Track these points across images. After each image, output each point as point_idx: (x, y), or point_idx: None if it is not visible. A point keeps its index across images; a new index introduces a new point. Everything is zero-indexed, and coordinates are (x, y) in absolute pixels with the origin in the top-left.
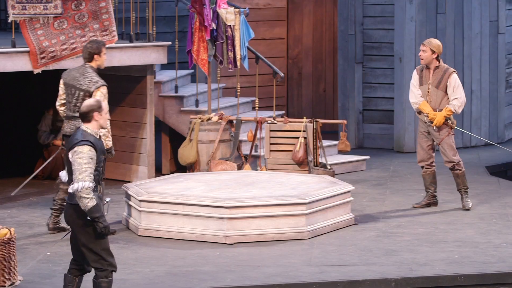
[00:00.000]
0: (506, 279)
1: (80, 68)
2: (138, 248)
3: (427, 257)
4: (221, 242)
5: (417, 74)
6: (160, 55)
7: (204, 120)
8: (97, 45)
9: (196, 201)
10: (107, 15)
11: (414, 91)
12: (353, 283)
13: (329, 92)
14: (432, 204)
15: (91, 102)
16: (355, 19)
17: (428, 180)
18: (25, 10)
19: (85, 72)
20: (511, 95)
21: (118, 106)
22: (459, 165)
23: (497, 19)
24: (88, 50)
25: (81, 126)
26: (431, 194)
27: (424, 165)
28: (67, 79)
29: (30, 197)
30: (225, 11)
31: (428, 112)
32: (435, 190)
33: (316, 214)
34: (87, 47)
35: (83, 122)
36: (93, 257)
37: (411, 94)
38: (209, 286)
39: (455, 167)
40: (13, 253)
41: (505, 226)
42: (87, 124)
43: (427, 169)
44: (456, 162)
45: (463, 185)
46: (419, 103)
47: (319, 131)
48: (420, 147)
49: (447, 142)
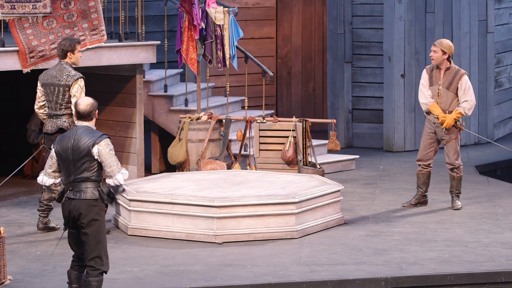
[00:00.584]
0: (496, 278)
1: (57, 66)
2: (128, 248)
3: (416, 256)
4: (211, 242)
5: (427, 74)
6: (149, 54)
7: (193, 120)
8: (70, 43)
9: (186, 200)
10: (96, 14)
11: (424, 92)
12: (343, 282)
13: (319, 91)
14: (422, 204)
15: (91, 100)
16: (344, 18)
17: (421, 179)
18: (14, 9)
19: (62, 68)
20: (500, 94)
21: (108, 106)
22: (459, 169)
23: (486, 18)
24: (61, 48)
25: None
26: (421, 193)
27: (422, 164)
28: (44, 80)
29: (20, 197)
30: (214, 10)
31: (438, 114)
32: (426, 190)
33: (306, 213)
34: (60, 45)
35: (86, 120)
36: (91, 254)
37: (421, 94)
38: (199, 285)
39: (454, 170)
40: (3, 253)
41: (494, 225)
42: (89, 122)
43: (423, 168)
44: (457, 166)
45: (456, 188)
46: (429, 104)
47: (308, 131)
48: (423, 147)
49: (453, 145)
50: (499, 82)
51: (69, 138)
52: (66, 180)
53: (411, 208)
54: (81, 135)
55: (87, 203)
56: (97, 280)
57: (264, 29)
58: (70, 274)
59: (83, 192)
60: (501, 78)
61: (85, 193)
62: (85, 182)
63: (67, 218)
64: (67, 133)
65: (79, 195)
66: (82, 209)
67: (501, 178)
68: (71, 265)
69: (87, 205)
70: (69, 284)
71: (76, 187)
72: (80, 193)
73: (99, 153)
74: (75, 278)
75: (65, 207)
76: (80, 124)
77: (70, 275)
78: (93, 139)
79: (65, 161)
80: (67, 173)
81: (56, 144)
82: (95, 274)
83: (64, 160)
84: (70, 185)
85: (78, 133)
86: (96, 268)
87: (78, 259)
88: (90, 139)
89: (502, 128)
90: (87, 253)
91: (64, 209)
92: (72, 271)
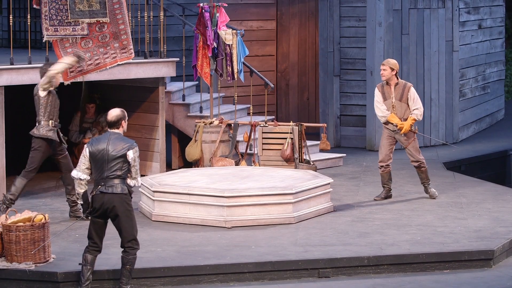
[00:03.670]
0: (460, 256)
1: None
2: (152, 231)
3: (394, 239)
4: (222, 226)
5: (379, 92)
6: (170, 69)
7: (207, 124)
8: (50, 66)
9: (201, 191)
10: (125, 35)
11: (380, 107)
12: (332, 260)
13: (312, 100)
14: (388, 197)
15: (118, 112)
16: (333, 39)
17: (386, 178)
18: (57, 31)
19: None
20: (464, 102)
21: (135, 112)
22: (423, 164)
23: (452, 39)
24: (43, 72)
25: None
26: (388, 188)
27: (384, 165)
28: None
29: (62, 188)
30: (225, 32)
31: (397, 122)
32: (390, 185)
33: (301, 202)
34: (42, 69)
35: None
36: (130, 237)
37: (377, 110)
38: (211, 263)
39: (420, 166)
40: (48, 235)
41: (459, 212)
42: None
43: (385, 168)
44: (421, 161)
45: (426, 179)
46: (387, 116)
47: (303, 133)
48: (384, 150)
49: (413, 145)
50: (463, 92)
51: (105, 142)
52: (98, 177)
53: (388, 199)
54: (116, 140)
55: (120, 196)
56: (134, 258)
57: (266, 48)
58: (87, 257)
59: (115, 187)
60: (464, 89)
61: (117, 188)
62: (116, 179)
63: (97, 209)
64: (101, 137)
65: (111, 189)
66: (115, 201)
67: (465, 172)
68: (88, 249)
69: (119, 198)
70: (85, 265)
71: (108, 183)
72: (113, 188)
73: (131, 156)
74: (91, 261)
75: (98, 199)
76: (111, 131)
77: (86, 258)
78: (129, 145)
79: (99, 161)
80: (99, 171)
81: (91, 145)
82: (133, 253)
83: (98, 159)
84: (102, 181)
85: (112, 138)
86: (134, 247)
87: (95, 245)
88: (126, 144)
89: (466, 131)
90: (124, 237)
91: (96, 201)
92: (88, 254)
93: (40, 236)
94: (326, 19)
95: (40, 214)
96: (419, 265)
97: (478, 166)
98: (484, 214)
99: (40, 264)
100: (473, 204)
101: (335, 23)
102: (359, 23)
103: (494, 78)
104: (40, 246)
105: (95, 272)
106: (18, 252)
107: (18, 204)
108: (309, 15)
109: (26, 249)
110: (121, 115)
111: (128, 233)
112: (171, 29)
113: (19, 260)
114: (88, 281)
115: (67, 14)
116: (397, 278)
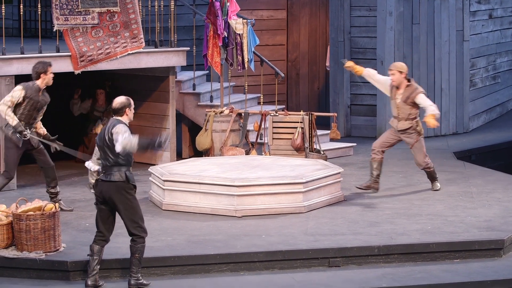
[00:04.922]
0: (470, 246)
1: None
2: (162, 220)
3: (404, 228)
4: (232, 215)
5: (389, 87)
6: (180, 58)
7: (217, 113)
8: (43, 65)
9: (211, 180)
10: (136, 25)
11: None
12: (342, 249)
13: (322, 90)
14: (373, 188)
15: (122, 99)
16: (344, 29)
17: (373, 166)
18: (67, 21)
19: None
20: (474, 92)
21: (145, 102)
22: (428, 166)
23: (462, 29)
24: (35, 70)
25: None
26: (373, 179)
27: (376, 151)
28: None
29: (72, 178)
30: (235, 21)
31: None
32: (378, 176)
33: (312, 191)
34: (35, 67)
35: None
36: (133, 225)
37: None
38: (222, 252)
39: (424, 168)
40: (58, 224)
41: (469, 202)
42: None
43: (375, 155)
44: (424, 165)
45: (432, 178)
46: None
47: (313, 122)
48: (384, 138)
49: (417, 146)
50: (473, 82)
51: (105, 130)
52: (103, 165)
53: (399, 188)
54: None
55: (116, 184)
56: (143, 246)
57: (277, 37)
58: (93, 247)
59: (113, 175)
60: (475, 79)
61: (114, 176)
62: (115, 166)
63: (98, 196)
64: (106, 126)
65: (109, 177)
66: (112, 190)
67: (475, 162)
68: (94, 240)
69: (116, 186)
70: (91, 256)
71: (108, 171)
72: (110, 176)
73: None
74: (97, 251)
75: (98, 188)
76: (114, 118)
77: (92, 248)
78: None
79: (101, 149)
80: (103, 159)
81: (98, 135)
82: (141, 241)
83: (100, 148)
84: (104, 169)
85: (111, 125)
86: (139, 235)
87: (102, 235)
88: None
89: (476, 121)
90: (127, 225)
91: (98, 189)
92: (94, 245)
93: (50, 225)
94: (337, 8)
95: (50, 203)
96: (429, 255)
97: (488, 155)
98: (495, 203)
99: (50, 253)
100: (483, 194)
101: (345, 13)
102: (369, 12)
103: (505, 68)
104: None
105: (104, 261)
106: (29, 241)
107: (28, 193)
108: (319, 5)
109: (37, 238)
110: (125, 103)
111: (130, 220)
112: (182, 18)
113: (30, 249)
114: (95, 271)
115: (78, 3)
116: (407, 268)
